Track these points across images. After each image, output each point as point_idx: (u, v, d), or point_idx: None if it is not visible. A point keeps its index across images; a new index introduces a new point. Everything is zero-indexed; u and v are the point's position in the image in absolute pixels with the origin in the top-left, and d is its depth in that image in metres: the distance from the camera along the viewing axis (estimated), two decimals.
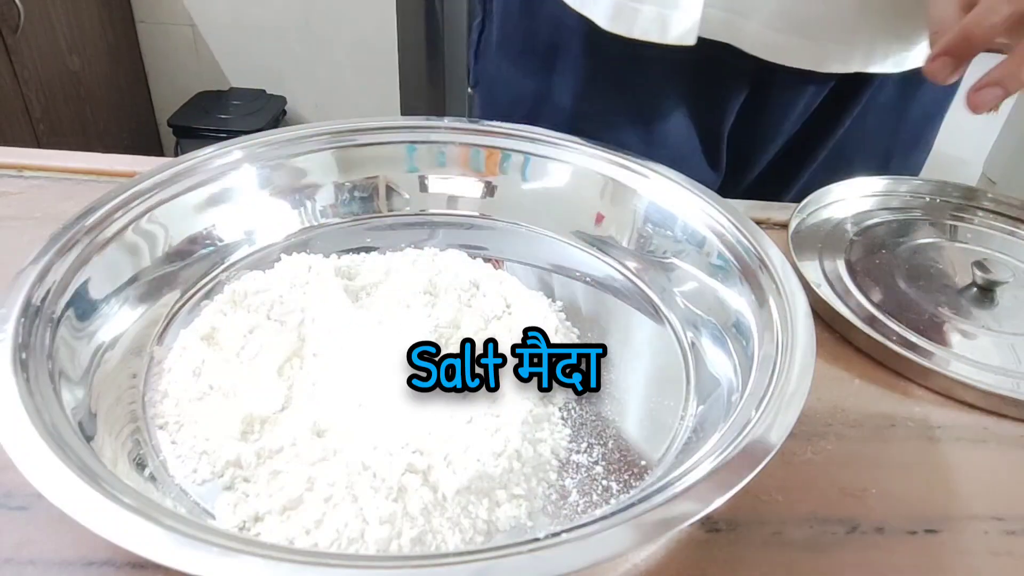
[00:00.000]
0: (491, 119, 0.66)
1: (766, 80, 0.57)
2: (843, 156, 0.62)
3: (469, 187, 0.50)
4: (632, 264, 0.46)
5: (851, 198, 0.55)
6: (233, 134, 0.41)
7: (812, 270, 0.48)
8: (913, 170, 0.66)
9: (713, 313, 0.41)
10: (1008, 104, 0.40)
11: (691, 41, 0.53)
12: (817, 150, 0.62)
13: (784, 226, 0.50)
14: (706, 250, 0.43)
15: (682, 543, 0.32)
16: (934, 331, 0.44)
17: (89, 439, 0.31)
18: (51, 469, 0.26)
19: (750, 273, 0.40)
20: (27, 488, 0.31)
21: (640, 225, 0.46)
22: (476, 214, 0.50)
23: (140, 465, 0.32)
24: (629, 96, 0.60)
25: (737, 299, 0.40)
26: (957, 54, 0.39)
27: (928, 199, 0.56)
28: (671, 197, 0.45)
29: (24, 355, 0.31)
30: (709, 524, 0.33)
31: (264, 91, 1.88)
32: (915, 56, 0.55)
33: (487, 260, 0.45)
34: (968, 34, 0.39)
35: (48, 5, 1.56)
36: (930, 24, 0.42)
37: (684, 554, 0.32)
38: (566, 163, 0.48)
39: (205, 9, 1.84)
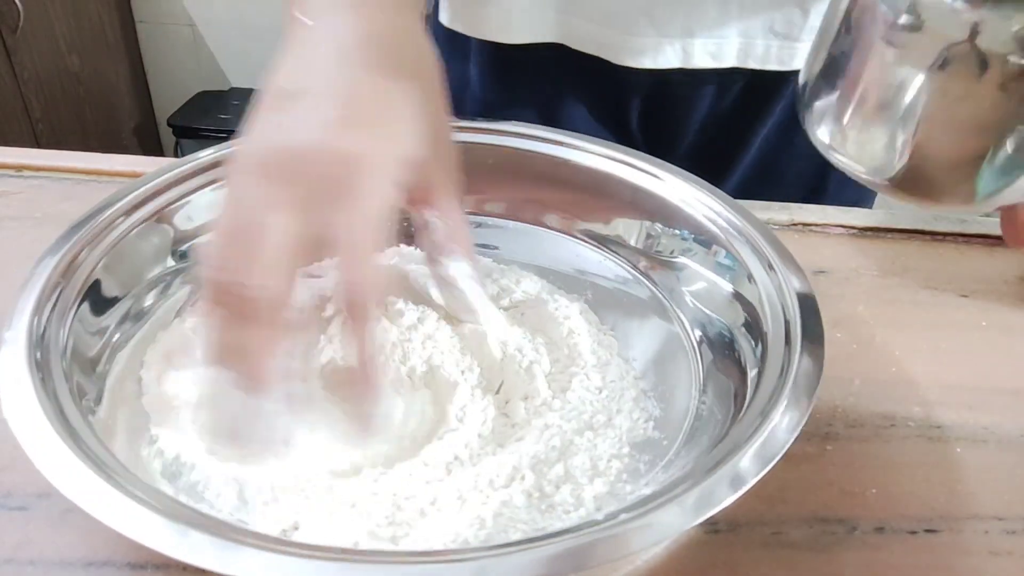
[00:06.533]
0: None
1: (657, 79, 0.56)
2: (775, 170, 0.61)
3: (472, 187, 0.50)
4: (640, 263, 0.46)
5: None
6: (233, 134, 0.40)
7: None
8: (857, 191, 0.62)
9: (721, 312, 0.41)
10: None
11: (505, 39, 0.55)
12: (736, 158, 0.61)
13: (784, 226, 0.50)
14: (714, 249, 0.43)
15: (682, 543, 0.32)
16: None
17: (102, 438, 0.31)
18: (76, 472, 0.26)
19: (757, 272, 0.39)
20: (27, 488, 0.32)
21: (648, 224, 0.46)
22: (480, 213, 0.50)
23: (171, 477, 0.32)
24: (530, 92, 0.60)
25: (744, 298, 0.40)
26: None
27: None
28: (679, 196, 0.45)
29: (39, 354, 0.31)
30: (709, 524, 0.33)
31: None
32: (802, 53, 0.54)
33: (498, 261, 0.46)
34: None
35: (48, 5, 1.56)
36: None
37: (684, 554, 0.32)
38: (573, 162, 0.48)
39: (205, 9, 1.84)
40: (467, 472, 0.32)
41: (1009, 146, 0.26)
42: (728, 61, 0.54)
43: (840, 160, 0.32)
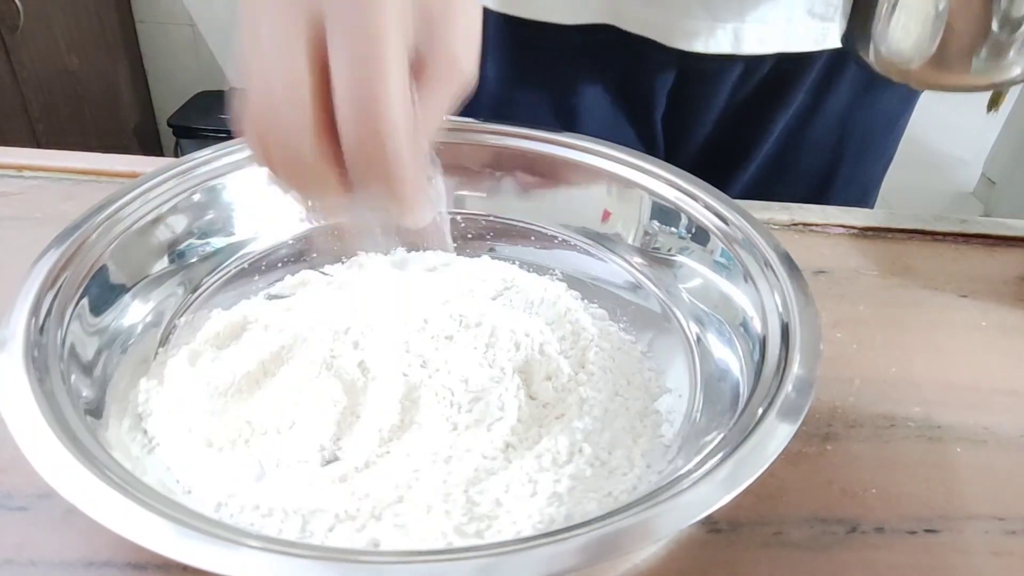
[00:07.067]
0: None
1: (688, 64, 0.56)
2: (787, 163, 0.62)
3: (476, 186, 0.50)
4: (637, 261, 0.46)
5: None
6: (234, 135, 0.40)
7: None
8: (865, 179, 0.64)
9: (719, 310, 0.41)
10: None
11: (556, 20, 0.54)
12: (752, 149, 0.61)
13: (784, 226, 0.50)
14: (710, 248, 0.43)
15: (682, 543, 0.32)
16: None
17: (103, 443, 0.31)
18: (75, 472, 0.26)
19: (755, 271, 0.40)
20: (27, 489, 0.32)
21: (646, 222, 0.46)
22: (484, 213, 0.50)
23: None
24: (550, 85, 0.59)
25: (742, 297, 0.40)
26: None
27: None
28: (677, 194, 0.45)
29: (36, 353, 0.31)
30: (710, 524, 0.33)
31: None
32: (833, 32, 0.55)
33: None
34: None
35: (47, 5, 1.56)
36: None
37: (684, 554, 0.32)
38: (572, 161, 0.48)
39: (205, 9, 1.84)
40: (526, 456, 0.33)
41: (1000, 28, 0.36)
42: (774, 47, 0.55)
43: (885, 63, 0.40)
